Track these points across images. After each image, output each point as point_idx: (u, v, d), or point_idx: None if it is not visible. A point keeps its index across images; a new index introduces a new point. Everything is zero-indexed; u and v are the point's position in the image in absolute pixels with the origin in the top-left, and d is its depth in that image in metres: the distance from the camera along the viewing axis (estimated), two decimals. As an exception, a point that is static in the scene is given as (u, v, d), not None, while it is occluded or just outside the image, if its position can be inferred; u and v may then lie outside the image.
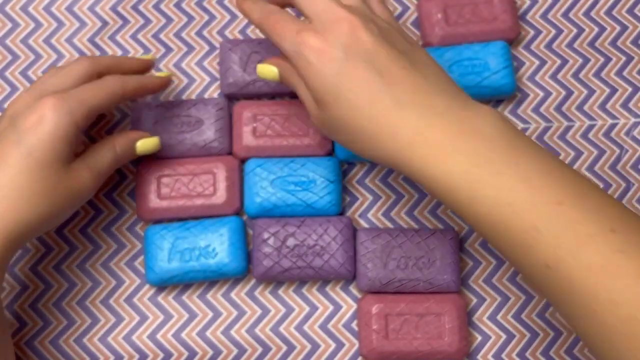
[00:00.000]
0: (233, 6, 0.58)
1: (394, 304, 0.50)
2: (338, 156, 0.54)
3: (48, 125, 0.44)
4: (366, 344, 0.50)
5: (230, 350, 0.52)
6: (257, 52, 0.54)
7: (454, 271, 0.51)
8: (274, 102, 0.54)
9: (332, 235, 0.51)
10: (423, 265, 0.51)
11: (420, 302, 0.50)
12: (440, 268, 0.51)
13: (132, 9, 0.58)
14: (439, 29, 0.55)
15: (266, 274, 0.51)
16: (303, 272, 0.51)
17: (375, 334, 0.50)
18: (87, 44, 0.57)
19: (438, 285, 0.51)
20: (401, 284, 0.51)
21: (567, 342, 0.52)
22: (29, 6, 0.58)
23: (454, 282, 0.51)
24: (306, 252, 0.51)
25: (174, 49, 0.57)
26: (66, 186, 0.45)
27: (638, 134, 0.56)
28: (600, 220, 0.38)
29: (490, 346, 0.52)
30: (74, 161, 0.46)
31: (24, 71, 0.56)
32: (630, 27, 0.58)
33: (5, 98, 0.56)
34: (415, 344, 0.50)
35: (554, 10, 0.58)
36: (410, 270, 0.51)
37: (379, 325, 0.50)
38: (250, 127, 0.53)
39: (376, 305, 0.50)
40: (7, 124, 0.45)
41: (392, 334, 0.50)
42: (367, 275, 0.51)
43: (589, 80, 0.57)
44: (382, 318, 0.50)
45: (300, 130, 0.54)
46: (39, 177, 0.44)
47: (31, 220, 0.44)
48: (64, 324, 0.52)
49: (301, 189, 0.52)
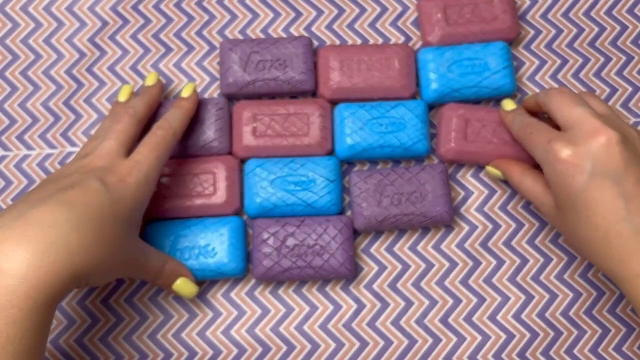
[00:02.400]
0: (233, 6, 0.58)
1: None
2: (338, 156, 0.54)
3: (130, 186, 0.44)
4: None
5: (230, 350, 0.52)
6: (257, 52, 0.54)
7: (445, 202, 0.52)
8: (274, 102, 0.54)
9: (332, 234, 0.51)
10: (416, 200, 0.52)
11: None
12: (433, 201, 0.52)
13: (132, 9, 0.58)
14: (439, 28, 0.55)
15: (266, 273, 0.51)
16: (303, 271, 0.51)
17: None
18: (87, 44, 0.57)
19: (432, 217, 0.52)
20: (396, 219, 0.52)
21: (567, 342, 0.52)
22: (29, 6, 0.58)
23: (446, 213, 0.52)
24: (306, 252, 0.51)
25: (174, 49, 0.57)
26: (132, 250, 0.45)
27: (638, 134, 0.56)
28: None
29: (490, 346, 0.52)
30: (141, 244, 0.47)
31: (24, 71, 0.57)
32: (631, 27, 0.58)
33: (5, 98, 0.56)
34: None
35: (554, 10, 0.58)
36: (403, 206, 0.52)
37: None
38: (250, 127, 0.53)
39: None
40: (86, 173, 0.44)
41: None
42: (362, 214, 0.52)
43: (589, 80, 0.57)
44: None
45: (300, 130, 0.54)
46: (113, 232, 0.42)
47: (93, 266, 0.41)
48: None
49: (301, 189, 0.52)
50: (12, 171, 0.55)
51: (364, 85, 0.54)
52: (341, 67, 0.54)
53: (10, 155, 0.55)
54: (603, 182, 0.42)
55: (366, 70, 0.54)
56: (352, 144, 0.53)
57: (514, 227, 0.54)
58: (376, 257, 0.54)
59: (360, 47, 0.55)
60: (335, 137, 0.54)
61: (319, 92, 0.55)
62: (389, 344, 0.52)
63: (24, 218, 0.40)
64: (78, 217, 0.41)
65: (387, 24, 0.58)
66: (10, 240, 0.39)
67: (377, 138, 0.53)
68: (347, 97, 0.54)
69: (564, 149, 0.43)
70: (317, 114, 0.54)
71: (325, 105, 0.54)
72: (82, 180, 0.43)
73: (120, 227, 0.43)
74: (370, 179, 0.52)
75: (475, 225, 0.54)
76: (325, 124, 0.54)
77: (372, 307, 0.53)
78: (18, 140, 0.55)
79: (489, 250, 0.54)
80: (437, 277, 0.54)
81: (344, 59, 0.54)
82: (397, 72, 0.54)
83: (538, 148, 0.46)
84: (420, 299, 0.53)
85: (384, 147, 0.53)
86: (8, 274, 0.38)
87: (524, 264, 0.54)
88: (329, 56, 0.54)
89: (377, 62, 0.54)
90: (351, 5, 0.58)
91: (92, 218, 0.41)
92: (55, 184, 0.43)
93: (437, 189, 0.52)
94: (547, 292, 0.53)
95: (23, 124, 0.56)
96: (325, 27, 0.58)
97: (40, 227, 0.39)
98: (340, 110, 0.54)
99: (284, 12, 0.58)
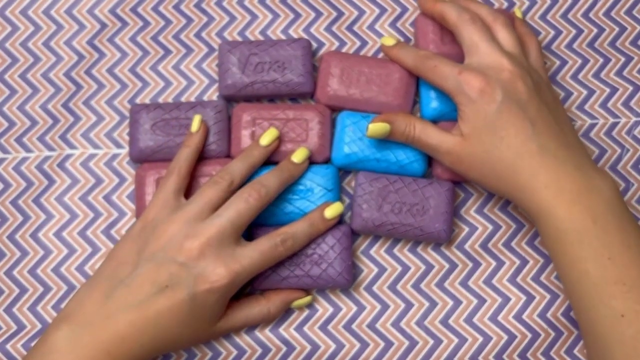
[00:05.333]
0: (232, 7, 0.58)
1: None
2: (334, 162, 0.54)
3: (215, 297, 0.46)
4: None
5: (229, 351, 0.52)
6: (256, 53, 0.54)
7: (445, 221, 0.51)
8: (274, 106, 0.54)
9: (330, 243, 0.51)
10: (416, 212, 0.51)
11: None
12: (433, 217, 0.51)
13: (131, 11, 0.58)
14: (434, 47, 0.54)
15: (264, 283, 0.51)
16: (300, 280, 0.50)
17: None
18: (86, 46, 0.57)
19: (429, 233, 0.51)
20: (393, 228, 0.51)
21: (567, 343, 0.52)
22: (28, 10, 0.58)
23: (444, 232, 0.51)
24: (304, 261, 0.51)
25: (172, 51, 0.57)
26: (208, 336, 0.49)
27: (639, 133, 0.56)
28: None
29: (491, 347, 0.52)
30: (221, 320, 0.49)
31: (23, 74, 0.56)
32: (629, 28, 0.58)
33: (4, 101, 0.56)
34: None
35: (553, 12, 0.58)
36: (403, 216, 0.51)
37: None
38: (249, 131, 0.53)
39: None
40: (182, 273, 0.46)
41: None
42: (361, 215, 0.51)
43: (587, 81, 0.57)
44: None
45: (299, 137, 0.53)
46: (191, 326, 0.46)
47: (170, 350, 0.49)
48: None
49: (299, 197, 0.52)
50: (11, 174, 0.54)
51: (360, 97, 0.54)
52: (341, 75, 0.54)
53: (9, 157, 0.55)
54: (512, 107, 0.47)
55: (365, 82, 0.54)
56: (349, 153, 0.53)
57: (514, 228, 0.54)
58: (376, 258, 0.54)
59: (364, 58, 0.55)
60: (333, 143, 0.54)
61: (316, 96, 0.55)
62: (389, 345, 0.52)
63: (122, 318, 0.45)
64: (161, 324, 0.45)
65: (386, 25, 0.58)
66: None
67: (374, 151, 0.52)
68: (341, 105, 0.54)
69: (478, 79, 0.48)
70: (317, 121, 0.53)
71: (325, 112, 0.54)
72: (176, 286, 0.46)
73: (195, 322, 0.47)
74: (376, 183, 0.52)
75: (475, 226, 0.54)
76: (324, 131, 0.53)
77: (372, 309, 0.53)
78: (17, 142, 0.55)
79: (488, 251, 0.54)
80: (437, 279, 0.53)
81: (345, 68, 0.54)
82: (394, 90, 0.54)
83: (449, 79, 0.49)
84: (420, 300, 0.53)
85: (380, 161, 0.53)
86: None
87: (524, 264, 0.54)
88: (332, 62, 0.54)
89: (377, 76, 0.54)
90: (349, 7, 0.58)
91: (172, 323, 0.46)
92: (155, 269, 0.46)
93: (440, 206, 0.52)
94: (548, 292, 0.53)
95: (22, 127, 0.55)
96: (324, 29, 0.58)
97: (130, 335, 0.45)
98: (342, 117, 0.53)
99: (282, 13, 0.58)
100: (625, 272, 0.44)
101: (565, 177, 0.46)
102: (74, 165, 0.55)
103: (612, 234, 0.45)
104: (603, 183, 0.46)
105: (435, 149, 0.50)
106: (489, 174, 0.48)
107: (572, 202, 0.45)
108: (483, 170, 0.49)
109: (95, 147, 0.55)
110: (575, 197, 0.45)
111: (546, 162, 0.46)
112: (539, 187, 0.46)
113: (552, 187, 0.46)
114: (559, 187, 0.46)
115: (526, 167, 0.47)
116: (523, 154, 0.47)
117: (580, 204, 0.45)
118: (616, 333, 0.44)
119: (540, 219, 0.47)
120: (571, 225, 0.45)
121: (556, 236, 0.46)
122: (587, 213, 0.45)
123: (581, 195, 0.45)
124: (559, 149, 0.47)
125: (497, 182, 0.48)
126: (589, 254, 0.45)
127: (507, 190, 0.48)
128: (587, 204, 0.45)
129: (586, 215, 0.45)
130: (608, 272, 0.44)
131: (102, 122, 0.56)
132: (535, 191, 0.46)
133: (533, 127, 0.47)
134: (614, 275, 0.44)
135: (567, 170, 0.46)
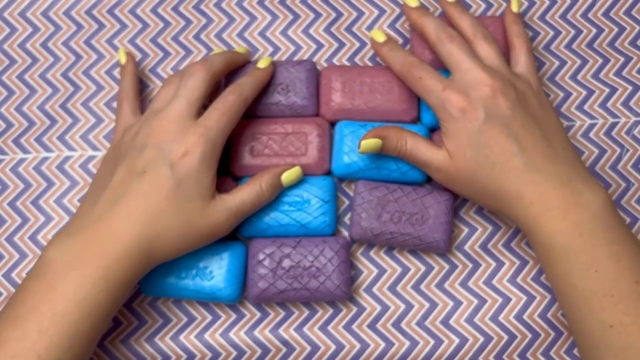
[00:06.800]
0: (230, 9, 0.58)
1: None
2: (334, 173, 0.53)
3: (196, 159, 0.46)
4: None
5: (229, 352, 0.51)
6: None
7: (445, 231, 0.51)
8: (272, 120, 0.54)
9: (328, 256, 0.51)
10: (416, 222, 0.51)
11: None
12: (432, 227, 0.51)
13: (130, 13, 0.58)
14: (429, 52, 0.54)
15: (261, 295, 0.50)
16: (298, 293, 0.50)
17: None
18: (84, 47, 0.57)
19: (428, 243, 0.51)
20: (392, 237, 0.51)
21: (567, 343, 0.52)
22: (27, 11, 0.58)
23: (443, 242, 0.51)
24: (302, 274, 0.50)
25: (172, 53, 0.57)
26: (204, 223, 0.47)
27: (638, 133, 0.56)
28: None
29: (492, 347, 0.52)
30: (215, 200, 0.48)
31: (21, 75, 0.56)
32: (628, 29, 0.58)
33: (2, 101, 0.56)
34: None
35: (552, 12, 0.58)
36: (402, 225, 0.51)
37: None
38: (248, 146, 0.53)
39: None
40: (155, 154, 0.46)
41: None
42: (360, 224, 0.51)
43: (587, 81, 0.57)
44: None
45: (298, 150, 0.53)
46: (184, 209, 0.46)
47: (167, 248, 0.47)
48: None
49: (295, 209, 0.52)
50: (8, 175, 0.54)
51: (365, 107, 0.53)
52: (343, 89, 0.54)
53: (6, 159, 0.55)
54: (495, 125, 0.47)
55: (368, 92, 0.54)
56: (349, 162, 0.52)
57: (514, 228, 0.54)
58: (376, 260, 0.54)
59: (363, 68, 0.54)
60: (333, 153, 0.53)
61: (320, 113, 0.54)
62: (390, 345, 0.52)
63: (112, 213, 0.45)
64: (151, 208, 0.45)
65: (385, 26, 0.58)
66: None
67: (374, 159, 0.52)
68: (348, 118, 0.54)
69: (459, 98, 0.48)
70: (316, 134, 0.53)
71: (323, 125, 0.53)
72: (153, 166, 0.46)
73: (186, 204, 0.46)
74: (376, 191, 0.52)
75: (475, 227, 0.54)
76: (323, 144, 0.53)
77: (372, 310, 0.53)
78: (14, 144, 0.55)
79: (488, 252, 0.54)
80: (437, 280, 0.53)
81: (346, 80, 0.54)
82: (398, 96, 0.53)
83: (432, 95, 0.49)
84: (420, 301, 0.53)
85: (381, 169, 0.52)
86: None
87: (524, 265, 0.53)
88: (332, 77, 0.54)
89: (380, 85, 0.54)
90: (348, 8, 0.58)
91: (162, 205, 0.46)
92: (130, 162, 0.47)
93: (439, 215, 0.51)
94: (548, 292, 0.53)
95: (19, 128, 0.55)
96: (323, 30, 0.58)
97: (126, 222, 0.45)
98: (340, 127, 0.53)
99: (281, 15, 0.58)
100: (613, 285, 0.44)
101: (551, 194, 0.46)
102: (73, 167, 0.55)
103: (599, 247, 0.45)
104: (591, 196, 0.46)
105: (427, 165, 0.50)
106: (478, 193, 0.49)
107: (558, 218, 0.45)
108: (471, 189, 0.49)
109: (94, 149, 0.55)
110: (561, 214, 0.45)
111: (532, 179, 0.46)
112: (525, 204, 0.46)
113: (537, 204, 0.46)
114: (545, 204, 0.46)
115: (512, 185, 0.47)
116: (508, 172, 0.47)
117: (566, 220, 0.45)
118: (606, 344, 0.44)
119: (529, 234, 0.47)
120: (557, 241, 0.45)
121: (544, 251, 0.46)
122: (574, 228, 0.45)
123: (567, 211, 0.45)
124: (544, 164, 0.47)
125: (487, 200, 0.49)
126: (576, 268, 0.45)
127: (497, 207, 0.48)
128: (574, 220, 0.45)
129: (572, 231, 0.45)
130: (595, 285, 0.44)
131: (101, 124, 0.56)
132: (521, 208, 0.47)
133: (518, 144, 0.47)
134: (602, 287, 0.44)
135: (553, 186, 0.46)
